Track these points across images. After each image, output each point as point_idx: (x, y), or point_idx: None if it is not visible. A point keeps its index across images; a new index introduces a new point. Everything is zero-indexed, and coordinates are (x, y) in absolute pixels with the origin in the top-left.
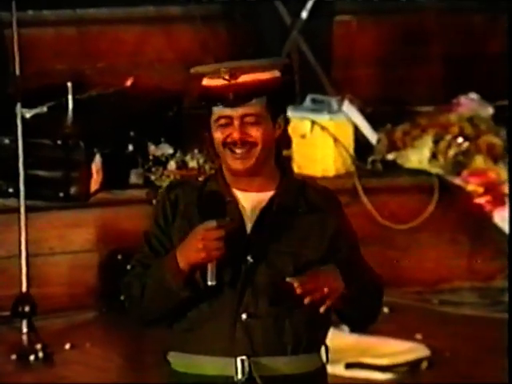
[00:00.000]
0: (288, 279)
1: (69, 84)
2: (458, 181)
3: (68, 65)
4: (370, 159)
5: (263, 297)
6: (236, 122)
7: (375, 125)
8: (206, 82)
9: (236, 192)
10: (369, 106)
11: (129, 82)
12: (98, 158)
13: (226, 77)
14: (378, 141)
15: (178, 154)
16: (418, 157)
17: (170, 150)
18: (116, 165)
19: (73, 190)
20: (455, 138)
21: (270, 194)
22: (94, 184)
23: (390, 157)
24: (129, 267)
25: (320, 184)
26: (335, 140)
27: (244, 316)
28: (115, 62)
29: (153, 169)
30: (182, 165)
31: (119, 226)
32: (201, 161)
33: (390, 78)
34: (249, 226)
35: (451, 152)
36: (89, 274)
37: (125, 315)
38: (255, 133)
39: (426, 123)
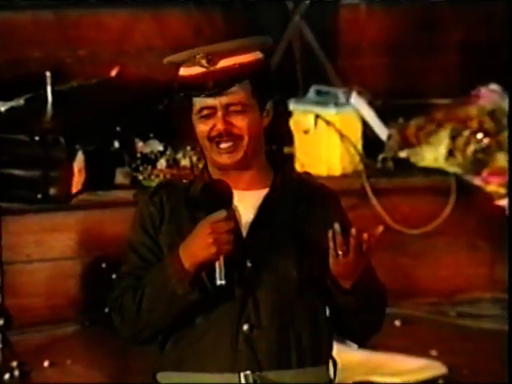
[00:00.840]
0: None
1: (47, 74)
2: (477, 181)
3: (46, 53)
4: (380, 157)
5: (265, 305)
6: (219, 112)
7: (386, 119)
8: (182, 71)
9: None
10: (379, 98)
11: (114, 72)
12: (80, 156)
13: (204, 63)
14: (389, 137)
15: (168, 152)
16: (433, 154)
17: (160, 147)
18: (100, 163)
19: (52, 190)
20: (474, 133)
21: (263, 192)
22: (76, 184)
23: (403, 154)
24: (115, 280)
25: (316, 180)
26: (342, 136)
27: (246, 327)
28: (99, 50)
29: (141, 168)
30: (173, 163)
31: (104, 231)
32: (194, 159)
33: (402, 68)
34: (244, 229)
35: (470, 149)
36: (70, 284)
37: (109, 329)
38: (241, 123)
39: (443, 117)
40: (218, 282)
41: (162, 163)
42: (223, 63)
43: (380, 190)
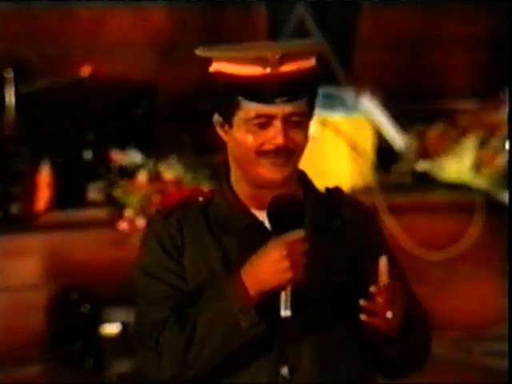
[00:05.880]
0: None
1: (9, 73)
2: (507, 197)
3: (8, 49)
4: (395, 169)
5: (306, 345)
6: (279, 123)
7: (402, 125)
8: (234, 69)
9: (255, 212)
10: (394, 101)
11: (86, 72)
12: (46, 169)
13: (273, 64)
14: (407, 146)
15: (149, 163)
16: (456, 166)
17: (140, 158)
18: (70, 177)
19: (14, 208)
20: (504, 142)
21: None
22: (42, 201)
23: (422, 166)
24: (137, 316)
25: (348, 194)
26: (351, 145)
27: (285, 371)
28: (68, 46)
29: (117, 182)
30: (155, 177)
31: (73, 255)
32: (180, 171)
33: (421, 66)
34: None
35: (499, 160)
36: (34, 317)
37: (79, 369)
38: (297, 137)
39: (468, 123)
40: (283, 313)
41: (142, 176)
42: (288, 67)
43: (396, 208)
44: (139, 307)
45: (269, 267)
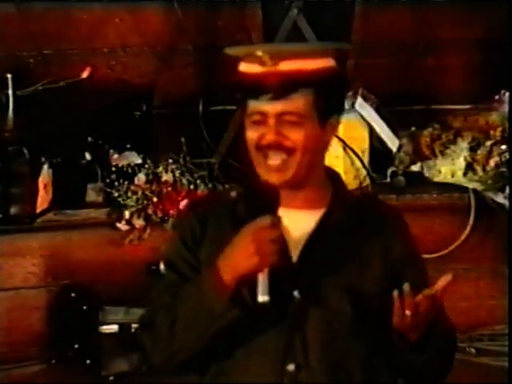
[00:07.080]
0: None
1: (8, 76)
2: (500, 198)
3: (7, 51)
4: (389, 171)
5: (314, 343)
6: (271, 121)
7: (396, 127)
8: (242, 66)
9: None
10: (388, 103)
11: (85, 74)
12: (46, 170)
13: (263, 62)
14: (400, 148)
15: (147, 165)
16: (450, 168)
17: (138, 160)
18: (69, 178)
19: (13, 210)
20: (498, 143)
21: (319, 212)
22: (41, 202)
23: (415, 168)
24: (149, 302)
25: (381, 199)
26: (345, 146)
27: (291, 367)
28: (67, 48)
29: (116, 183)
30: (153, 178)
31: (73, 256)
32: (177, 173)
33: (414, 69)
34: (295, 253)
35: (492, 162)
36: (34, 317)
37: (79, 368)
38: (295, 136)
39: (461, 125)
40: (261, 299)
41: (140, 178)
42: (285, 65)
43: None
44: (151, 294)
45: (238, 252)
